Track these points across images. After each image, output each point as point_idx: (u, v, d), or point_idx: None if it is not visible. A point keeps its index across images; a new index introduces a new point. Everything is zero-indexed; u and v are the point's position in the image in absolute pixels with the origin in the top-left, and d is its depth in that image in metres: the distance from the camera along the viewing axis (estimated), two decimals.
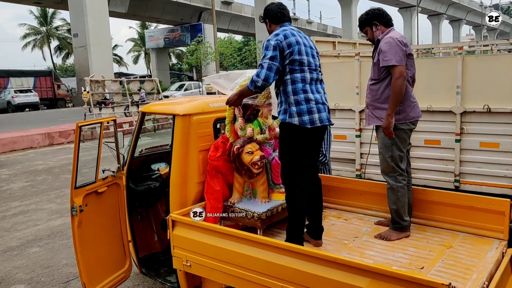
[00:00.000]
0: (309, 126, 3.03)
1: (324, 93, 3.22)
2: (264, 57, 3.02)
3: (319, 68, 3.23)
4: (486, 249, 2.98)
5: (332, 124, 3.28)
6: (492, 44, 6.67)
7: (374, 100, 3.44)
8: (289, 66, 3.03)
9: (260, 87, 3.02)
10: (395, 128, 3.31)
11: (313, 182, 3.32)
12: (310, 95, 3.06)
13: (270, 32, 3.23)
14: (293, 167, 3.13)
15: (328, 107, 3.21)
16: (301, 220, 3.16)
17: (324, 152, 4.02)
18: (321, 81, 3.23)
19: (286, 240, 3.07)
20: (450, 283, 1.99)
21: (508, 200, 3.09)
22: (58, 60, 54.20)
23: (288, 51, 3.01)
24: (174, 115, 3.39)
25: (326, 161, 4.17)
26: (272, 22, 3.26)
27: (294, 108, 3.03)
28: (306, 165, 3.18)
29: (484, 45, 7.28)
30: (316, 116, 3.05)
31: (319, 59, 3.27)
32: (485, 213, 3.16)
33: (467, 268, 2.74)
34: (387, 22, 3.48)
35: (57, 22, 50.46)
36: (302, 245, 3.02)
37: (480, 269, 2.70)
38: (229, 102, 3.28)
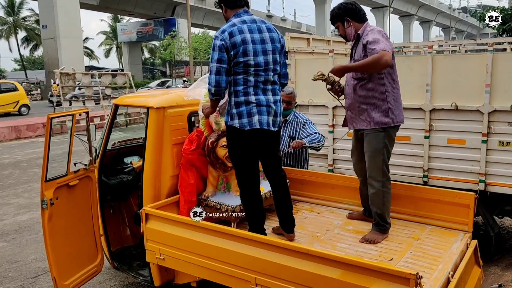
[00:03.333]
0: (247, 129, 2.94)
1: (274, 94, 3.01)
2: (211, 59, 2.88)
3: (273, 66, 2.97)
4: (451, 240, 3.10)
5: (275, 130, 3.04)
6: (460, 44, 6.85)
7: (360, 101, 3.26)
8: (233, 68, 2.89)
9: (216, 94, 2.94)
10: (386, 131, 3.21)
11: (277, 178, 3.23)
12: (252, 98, 2.92)
13: (226, 18, 3.05)
14: (242, 168, 3.10)
15: (274, 111, 3.00)
16: (259, 220, 3.16)
17: (315, 143, 4.03)
18: (272, 82, 3.00)
19: None
20: (417, 273, 2.07)
21: (473, 194, 3.21)
22: (26, 52, 52.60)
23: (232, 52, 2.84)
24: (148, 108, 3.36)
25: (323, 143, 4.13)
26: (227, 7, 3.03)
27: (234, 110, 2.95)
28: (255, 166, 3.12)
29: (452, 46, 7.47)
30: (255, 118, 2.93)
31: (281, 52, 3.04)
32: (451, 206, 3.28)
33: (434, 259, 2.84)
34: (360, 17, 3.28)
35: (24, 13, 48.81)
36: None
37: (446, 259, 2.81)
38: (205, 113, 3.26)
